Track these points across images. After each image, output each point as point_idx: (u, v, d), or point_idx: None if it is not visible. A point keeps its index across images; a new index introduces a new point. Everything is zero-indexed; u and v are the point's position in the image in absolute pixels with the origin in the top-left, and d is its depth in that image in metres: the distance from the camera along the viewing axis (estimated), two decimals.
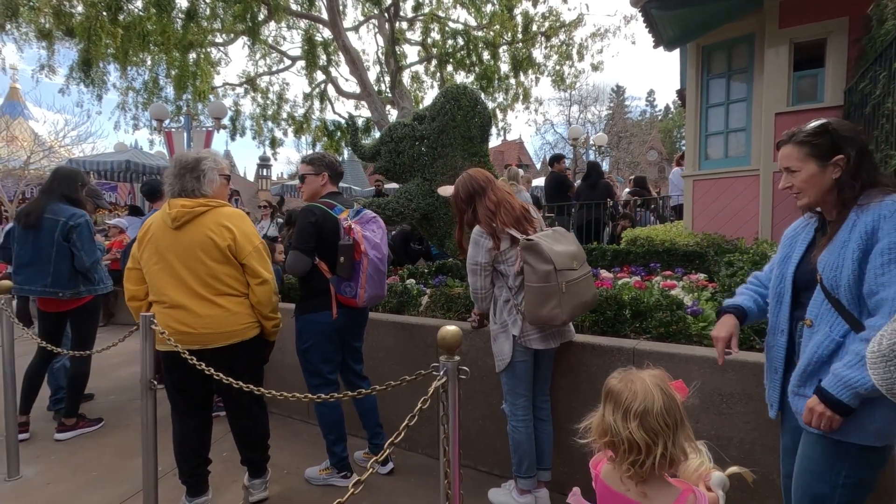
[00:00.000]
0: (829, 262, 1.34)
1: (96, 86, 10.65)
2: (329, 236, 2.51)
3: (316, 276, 2.55)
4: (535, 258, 2.11)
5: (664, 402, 1.14)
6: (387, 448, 1.23)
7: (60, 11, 9.42)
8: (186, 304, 2.22)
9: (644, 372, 1.22)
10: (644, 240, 4.93)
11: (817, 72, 5.21)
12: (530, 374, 2.33)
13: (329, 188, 2.69)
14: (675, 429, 1.14)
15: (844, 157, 1.36)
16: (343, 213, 2.55)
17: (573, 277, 2.14)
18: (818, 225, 1.51)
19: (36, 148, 16.72)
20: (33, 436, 3.30)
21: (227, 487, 2.68)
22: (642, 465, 1.13)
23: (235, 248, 2.27)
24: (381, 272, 2.60)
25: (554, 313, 2.09)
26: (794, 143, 1.41)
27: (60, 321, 3.40)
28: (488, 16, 12.01)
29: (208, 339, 2.24)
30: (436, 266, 4.74)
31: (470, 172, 2.42)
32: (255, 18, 9.46)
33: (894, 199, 1.30)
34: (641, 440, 1.12)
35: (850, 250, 1.30)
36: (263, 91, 13.83)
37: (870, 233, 1.28)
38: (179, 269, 2.23)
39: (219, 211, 2.30)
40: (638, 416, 1.13)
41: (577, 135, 15.09)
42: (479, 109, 3.71)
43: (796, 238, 1.57)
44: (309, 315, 2.59)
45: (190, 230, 2.24)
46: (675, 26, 5.77)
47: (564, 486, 2.48)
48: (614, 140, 31.24)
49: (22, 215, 3.22)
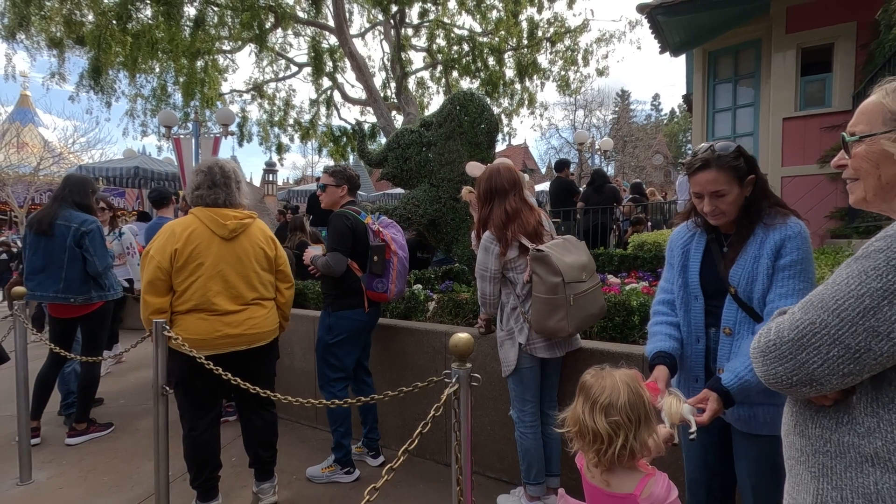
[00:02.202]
0: (744, 276, 1.44)
1: (105, 93, 10.81)
2: (361, 239, 2.76)
3: (350, 276, 2.77)
4: (544, 269, 2.11)
5: (629, 398, 1.22)
6: (400, 455, 1.23)
7: (71, 20, 9.57)
8: (237, 308, 2.34)
9: (618, 370, 1.30)
10: (651, 245, 4.93)
11: (825, 76, 5.20)
12: (537, 381, 2.34)
13: (347, 199, 2.90)
14: (638, 424, 1.22)
15: (755, 178, 1.46)
16: (367, 219, 2.81)
17: (581, 290, 2.13)
18: (712, 237, 1.56)
19: (46, 154, 16.95)
20: (44, 440, 3.32)
21: (236, 493, 2.69)
22: (605, 454, 1.22)
23: (276, 257, 2.52)
24: (406, 269, 2.91)
25: (560, 325, 2.10)
26: (719, 168, 1.42)
27: (71, 327, 3.43)
28: (493, 22, 12.08)
29: (258, 337, 2.41)
30: (442, 271, 4.74)
31: (500, 168, 2.38)
32: (262, 26, 9.56)
33: (796, 221, 1.43)
34: (604, 431, 1.21)
35: (763, 265, 1.41)
36: (270, 97, 13.96)
37: (778, 250, 1.40)
38: (233, 277, 2.33)
39: (258, 222, 2.49)
40: (603, 409, 1.22)
41: (582, 139, 15.07)
42: (486, 115, 3.72)
43: (687, 247, 1.62)
44: (344, 311, 2.77)
45: (242, 241, 2.38)
46: (681, 32, 5.78)
47: (573, 492, 2.45)
48: (620, 144, 31.18)
49: (34, 222, 3.26)
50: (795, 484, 0.85)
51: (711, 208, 1.46)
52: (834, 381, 0.75)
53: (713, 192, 1.44)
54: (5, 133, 16.76)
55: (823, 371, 0.75)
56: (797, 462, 0.85)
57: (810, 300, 0.80)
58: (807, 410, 0.84)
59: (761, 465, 1.47)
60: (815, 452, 0.81)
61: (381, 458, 2.97)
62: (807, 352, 0.77)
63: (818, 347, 0.76)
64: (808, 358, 0.76)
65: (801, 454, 0.84)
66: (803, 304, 0.81)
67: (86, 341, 3.46)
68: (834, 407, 0.80)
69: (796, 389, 0.79)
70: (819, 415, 0.82)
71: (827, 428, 0.80)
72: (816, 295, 0.79)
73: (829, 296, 0.77)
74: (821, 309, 0.77)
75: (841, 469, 0.77)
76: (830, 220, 4.84)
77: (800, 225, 1.42)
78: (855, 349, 0.73)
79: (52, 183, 14.26)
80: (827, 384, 0.76)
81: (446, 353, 2.90)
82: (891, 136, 0.83)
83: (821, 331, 0.76)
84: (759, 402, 1.42)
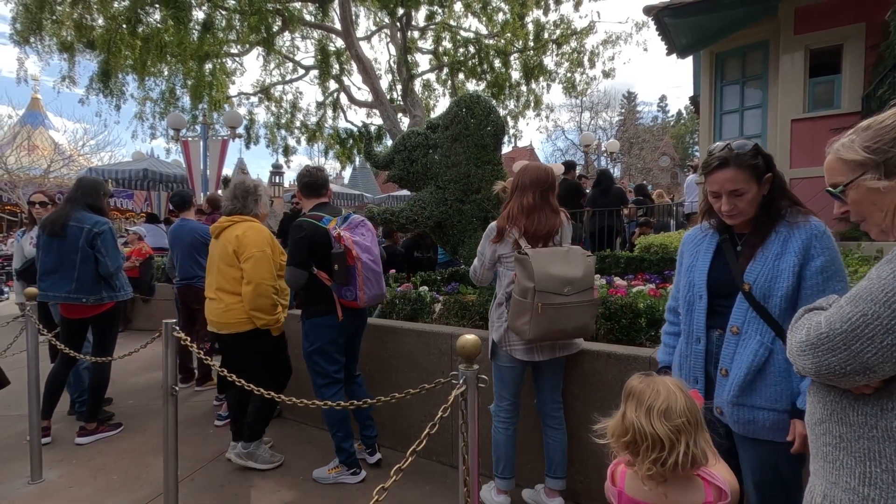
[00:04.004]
0: (763, 273, 1.41)
1: (115, 96, 10.91)
2: (321, 247, 2.65)
3: (316, 285, 2.70)
4: (521, 272, 2.14)
5: (686, 402, 1.17)
6: (409, 456, 1.24)
7: (82, 24, 9.69)
8: (211, 296, 2.90)
9: (665, 377, 1.26)
10: (658, 247, 4.91)
11: (833, 78, 5.16)
12: (516, 382, 2.36)
13: (314, 202, 2.83)
14: (698, 428, 1.17)
15: (772, 176, 1.45)
16: (331, 223, 2.68)
17: (555, 302, 2.08)
18: (725, 237, 1.54)
19: (56, 156, 17.16)
20: (55, 440, 3.36)
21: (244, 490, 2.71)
22: (664, 464, 1.13)
23: (242, 256, 2.78)
24: (376, 272, 2.72)
25: (523, 328, 2.11)
26: (738, 167, 1.41)
27: (82, 327, 3.47)
28: (500, 24, 12.08)
29: (220, 325, 2.87)
30: (448, 273, 4.75)
31: (530, 166, 2.40)
32: (269, 29, 9.63)
33: (817, 220, 1.43)
34: (665, 436, 1.12)
35: (788, 263, 1.38)
36: (277, 100, 14.05)
37: (806, 248, 1.38)
38: (212, 270, 2.92)
39: (244, 226, 2.86)
40: (662, 413, 1.15)
41: (588, 141, 15.05)
42: (493, 118, 3.72)
43: (698, 248, 1.61)
44: (314, 319, 2.74)
45: (221, 239, 2.90)
46: (688, 34, 5.76)
47: (581, 495, 2.47)
48: (626, 146, 31.04)
49: (47, 224, 3.30)
50: (834, 469, 0.89)
51: (730, 207, 1.43)
52: (887, 369, 0.80)
53: (732, 191, 1.42)
54: (17, 136, 16.98)
55: (877, 359, 0.80)
56: (835, 448, 0.89)
57: (858, 293, 0.84)
58: (845, 400, 0.88)
59: (766, 473, 1.45)
60: (858, 438, 0.85)
61: (378, 455, 2.98)
62: (861, 342, 0.80)
63: (871, 338, 0.79)
64: (862, 347, 0.80)
65: (840, 440, 0.88)
66: (851, 298, 0.85)
67: (96, 341, 3.49)
68: (875, 395, 0.84)
69: (849, 378, 0.83)
70: (859, 402, 0.86)
71: (871, 415, 0.84)
72: (864, 289, 0.83)
73: (877, 289, 0.81)
74: (871, 301, 0.81)
75: (891, 452, 0.82)
76: (840, 223, 4.78)
77: (822, 223, 1.42)
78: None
79: (62, 185, 14.41)
80: (880, 371, 0.81)
81: (452, 354, 2.90)
82: (864, 178, 0.91)
83: (873, 321, 0.80)
84: (759, 407, 1.40)
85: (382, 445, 3.15)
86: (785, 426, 1.38)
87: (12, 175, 15.16)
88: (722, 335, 1.49)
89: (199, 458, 3.08)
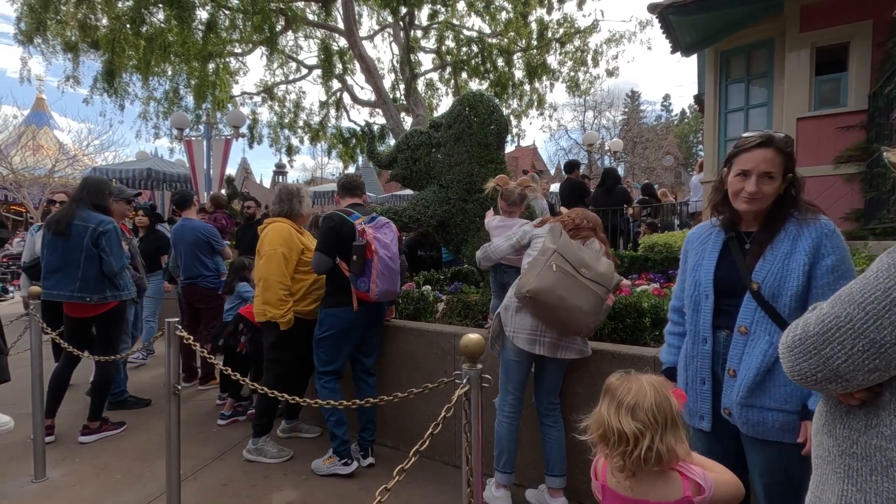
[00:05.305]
0: (772, 272, 1.38)
1: (119, 96, 10.94)
2: (347, 239, 2.82)
3: (337, 276, 2.88)
4: (550, 237, 2.25)
5: (656, 400, 1.19)
6: (412, 456, 1.23)
7: (86, 24, 9.71)
8: None
9: (645, 374, 1.27)
10: (662, 246, 4.88)
11: (840, 76, 5.12)
12: (522, 377, 2.37)
13: (347, 202, 3.09)
14: (665, 426, 1.18)
15: (793, 177, 1.42)
16: (359, 220, 2.88)
17: (568, 271, 2.13)
18: (732, 235, 1.51)
19: (60, 156, 17.21)
20: (58, 438, 3.36)
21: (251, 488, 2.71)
22: (630, 457, 1.17)
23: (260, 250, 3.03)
24: (391, 269, 2.87)
25: (528, 280, 2.14)
26: (777, 149, 1.38)
27: (86, 326, 3.47)
28: (503, 23, 12.05)
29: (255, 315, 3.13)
30: (451, 273, 4.74)
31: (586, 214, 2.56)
32: (273, 29, 9.64)
33: (826, 218, 1.40)
34: (630, 431, 1.16)
35: (798, 262, 1.36)
36: (280, 100, 14.06)
37: (816, 247, 1.36)
38: None
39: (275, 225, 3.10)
40: (629, 410, 1.19)
41: (592, 140, 15.00)
42: (496, 117, 3.70)
43: (704, 245, 1.57)
44: (332, 309, 2.89)
45: None
46: (692, 32, 5.73)
47: (583, 495, 2.45)
48: (630, 145, 30.91)
49: (52, 222, 3.31)
50: (821, 483, 0.83)
51: (755, 189, 1.39)
52: (859, 378, 0.73)
53: (764, 172, 1.38)
54: (22, 136, 17.05)
55: (848, 366, 0.73)
56: (824, 462, 0.83)
57: (840, 294, 0.78)
58: (836, 410, 0.82)
59: (774, 475, 1.42)
60: (841, 454, 0.79)
61: (371, 458, 2.97)
62: (831, 346, 0.74)
63: (842, 342, 0.73)
64: (832, 352, 0.74)
65: (828, 454, 0.82)
66: (833, 299, 0.79)
67: (101, 341, 3.49)
68: (864, 409, 0.77)
69: (822, 386, 0.77)
70: (848, 416, 0.79)
71: (855, 430, 0.77)
72: (846, 289, 0.77)
73: (856, 290, 0.75)
74: (847, 302, 0.75)
75: (867, 472, 0.75)
76: (846, 222, 4.76)
77: (831, 222, 1.40)
78: (880, 343, 0.71)
79: (66, 185, 14.46)
80: (852, 380, 0.74)
81: (455, 354, 2.90)
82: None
83: (845, 324, 0.73)
84: (769, 408, 1.38)
85: (385, 445, 3.14)
86: (794, 427, 1.35)
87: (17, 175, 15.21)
88: (729, 335, 1.46)
89: (202, 456, 3.09)
